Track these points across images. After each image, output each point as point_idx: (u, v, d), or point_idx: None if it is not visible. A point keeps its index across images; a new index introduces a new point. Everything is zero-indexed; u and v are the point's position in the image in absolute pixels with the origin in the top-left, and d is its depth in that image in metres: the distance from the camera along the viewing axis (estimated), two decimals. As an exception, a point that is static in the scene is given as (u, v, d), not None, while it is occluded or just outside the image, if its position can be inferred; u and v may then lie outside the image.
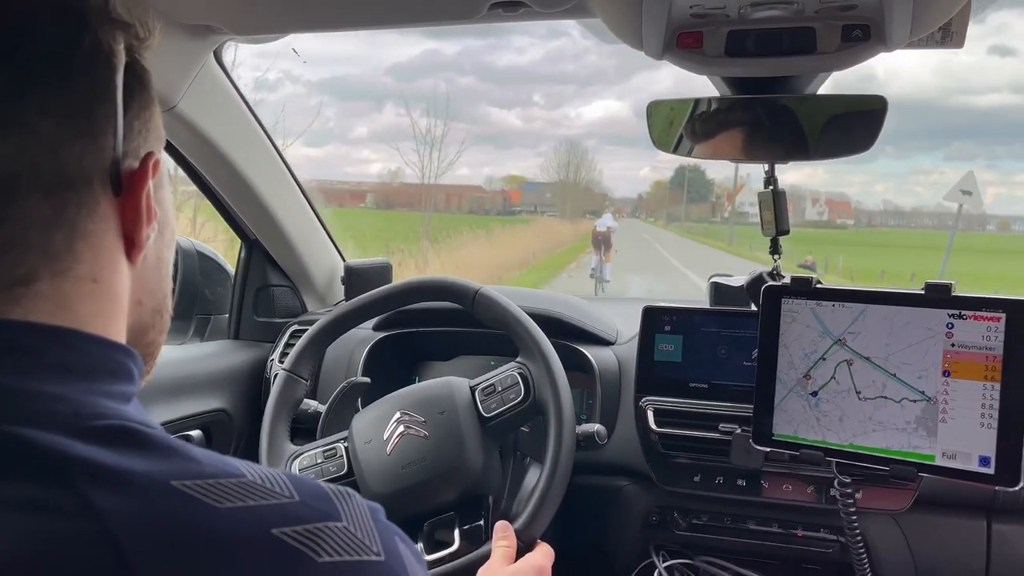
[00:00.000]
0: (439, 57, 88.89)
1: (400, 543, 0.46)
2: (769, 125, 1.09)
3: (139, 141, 0.50)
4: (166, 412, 1.33)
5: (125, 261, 0.50)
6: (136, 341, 0.53)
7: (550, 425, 1.06)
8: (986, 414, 0.91)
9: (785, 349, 1.04)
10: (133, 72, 0.50)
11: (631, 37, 0.94)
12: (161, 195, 0.55)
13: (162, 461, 0.41)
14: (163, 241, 0.55)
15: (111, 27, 0.48)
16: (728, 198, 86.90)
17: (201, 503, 0.40)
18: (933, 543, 1.19)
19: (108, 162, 0.47)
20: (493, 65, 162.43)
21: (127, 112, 0.48)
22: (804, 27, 0.88)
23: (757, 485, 1.18)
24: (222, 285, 1.63)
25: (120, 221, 0.49)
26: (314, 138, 75.33)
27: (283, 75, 27.27)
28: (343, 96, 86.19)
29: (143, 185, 0.49)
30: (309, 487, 0.44)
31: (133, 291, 0.51)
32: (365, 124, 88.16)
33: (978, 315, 0.92)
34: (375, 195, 64.62)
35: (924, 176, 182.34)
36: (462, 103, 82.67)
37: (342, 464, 1.12)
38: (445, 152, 31.93)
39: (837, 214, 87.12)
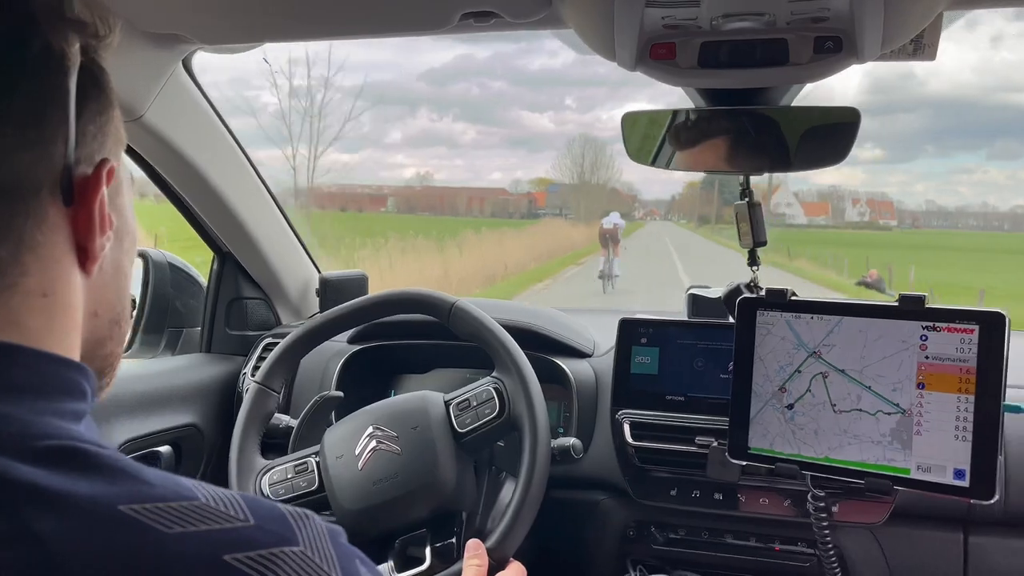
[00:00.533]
0: (471, 62, 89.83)
1: (361, 567, 0.45)
2: (747, 137, 1.10)
3: (93, 147, 0.48)
4: (134, 428, 1.30)
5: (78, 272, 0.48)
6: (92, 354, 0.51)
7: (524, 441, 1.04)
8: (960, 427, 0.91)
9: (760, 362, 1.04)
10: (89, 74, 0.48)
11: (604, 48, 0.93)
12: (120, 202, 0.53)
13: (110, 484, 0.40)
14: (121, 249, 0.54)
15: (64, 27, 0.46)
16: (763, 199, 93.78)
17: (149, 528, 0.38)
18: (910, 556, 1.18)
19: (59, 169, 0.45)
20: (525, 69, 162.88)
21: (80, 116, 0.46)
22: (776, 39, 0.88)
23: (734, 499, 1.17)
24: (194, 297, 1.60)
25: (72, 231, 0.47)
26: (349, 144, 75.79)
27: (317, 81, 27.10)
28: (377, 102, 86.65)
29: (96, 192, 0.47)
30: (266, 510, 0.42)
31: (88, 303, 0.50)
32: (399, 129, 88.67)
33: (952, 327, 0.92)
34: (396, 199, 63.89)
35: (967, 175, 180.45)
36: (494, 107, 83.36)
37: (313, 479, 1.10)
38: (478, 155, 32.08)
39: (879, 214, 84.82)
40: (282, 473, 1.11)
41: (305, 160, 12.87)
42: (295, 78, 11.74)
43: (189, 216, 1.45)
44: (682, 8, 0.81)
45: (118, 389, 1.30)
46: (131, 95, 1.14)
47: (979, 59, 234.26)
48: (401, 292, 1.19)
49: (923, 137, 50.62)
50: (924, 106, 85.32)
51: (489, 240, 21.98)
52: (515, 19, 0.93)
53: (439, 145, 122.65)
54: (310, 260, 1.69)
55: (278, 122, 11.98)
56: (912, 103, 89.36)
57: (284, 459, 1.14)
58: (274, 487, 1.10)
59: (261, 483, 1.11)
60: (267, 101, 76.22)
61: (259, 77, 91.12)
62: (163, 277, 1.54)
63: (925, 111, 79.46)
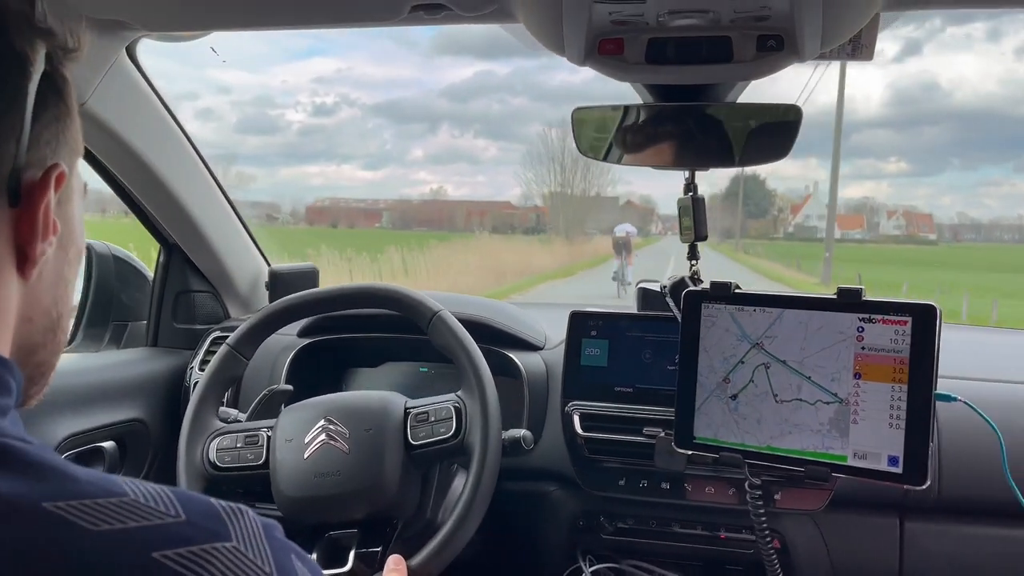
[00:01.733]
0: (492, 78, 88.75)
1: (296, 561, 0.45)
2: (696, 133, 1.11)
3: (46, 152, 0.48)
4: (77, 423, 1.27)
5: (16, 275, 0.48)
6: (24, 361, 0.50)
7: (470, 471, 1.04)
8: (894, 415, 0.94)
9: (705, 353, 1.06)
10: (51, 82, 0.48)
11: (553, 43, 0.94)
12: (68, 210, 0.52)
13: (35, 481, 0.39)
14: (65, 259, 0.53)
15: (30, 33, 0.46)
16: (792, 211, 77.13)
17: (75, 526, 0.38)
18: (849, 541, 1.22)
19: (7, 170, 0.45)
20: (545, 84, 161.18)
21: (37, 121, 0.47)
22: (721, 36, 0.90)
23: (681, 488, 1.20)
24: (140, 290, 1.57)
25: (13, 232, 0.47)
26: (372, 161, 74.70)
27: (340, 99, 26.12)
28: (399, 119, 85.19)
29: (43, 197, 0.47)
30: (198, 505, 0.42)
31: (23, 307, 0.49)
32: (421, 146, 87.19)
33: (886, 319, 0.95)
34: (391, 214, 61.47)
35: (995, 188, 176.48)
36: (515, 123, 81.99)
37: (260, 454, 1.09)
38: (499, 171, 31.14)
39: (916, 227, 79.12)
40: (232, 440, 1.11)
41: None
42: (317, 95, 11.10)
43: (134, 207, 1.42)
44: (629, 4, 0.82)
45: (60, 383, 1.26)
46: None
47: (1004, 71, 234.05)
48: (387, 287, 1.17)
49: (949, 150, 51.09)
50: (949, 118, 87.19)
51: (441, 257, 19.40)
52: (465, 12, 0.93)
53: (460, 161, 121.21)
54: (259, 253, 1.67)
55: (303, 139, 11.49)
56: (937, 115, 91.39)
57: (238, 426, 1.14)
58: (221, 453, 1.10)
59: (210, 447, 1.11)
60: (291, 119, 74.91)
61: (283, 96, 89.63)
62: (107, 269, 1.51)
63: (950, 123, 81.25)
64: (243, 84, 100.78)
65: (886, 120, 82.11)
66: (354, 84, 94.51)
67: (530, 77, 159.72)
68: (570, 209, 51.65)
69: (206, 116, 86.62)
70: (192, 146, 1.41)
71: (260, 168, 66.02)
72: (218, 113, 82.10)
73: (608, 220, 56.27)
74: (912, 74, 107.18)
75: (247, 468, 1.09)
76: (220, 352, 1.17)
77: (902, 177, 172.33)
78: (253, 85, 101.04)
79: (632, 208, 69.54)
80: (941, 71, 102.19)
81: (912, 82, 63.14)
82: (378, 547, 1.03)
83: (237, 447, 1.10)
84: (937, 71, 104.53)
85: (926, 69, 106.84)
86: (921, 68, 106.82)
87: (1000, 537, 1.18)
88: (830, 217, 24.17)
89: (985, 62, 51.62)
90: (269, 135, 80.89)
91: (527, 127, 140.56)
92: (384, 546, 1.03)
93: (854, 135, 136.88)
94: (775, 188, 74.67)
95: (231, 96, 43.59)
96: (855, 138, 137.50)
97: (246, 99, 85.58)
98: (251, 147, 78.05)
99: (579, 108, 1.15)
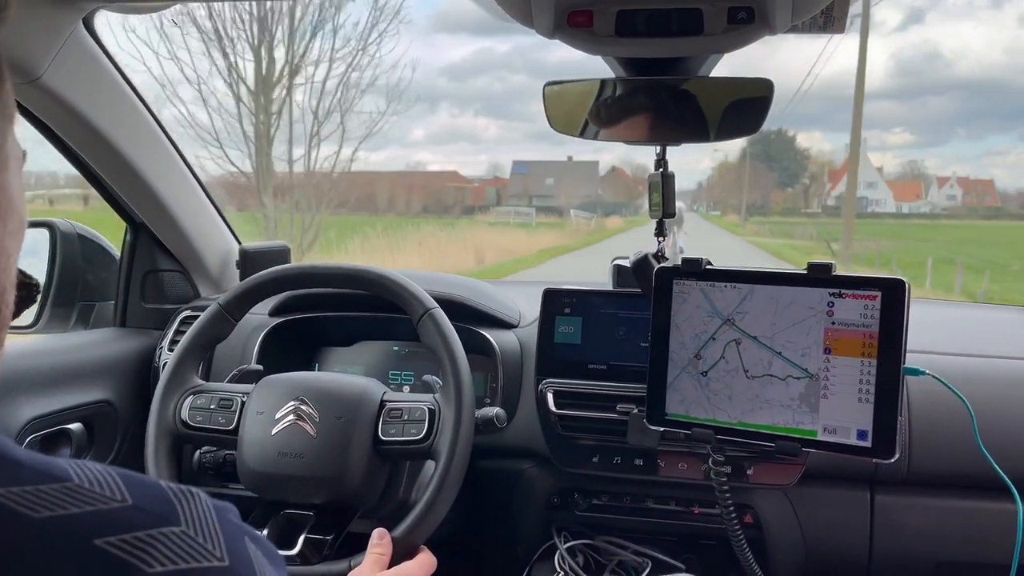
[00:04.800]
0: (491, 56, 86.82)
1: (250, 544, 0.43)
2: (669, 108, 1.10)
3: None
4: (42, 405, 1.24)
5: None
6: None
7: (434, 474, 1.03)
8: (863, 389, 0.94)
9: (677, 330, 1.05)
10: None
11: (522, 15, 0.92)
12: (4, 178, 0.50)
13: None
14: (5, 230, 0.50)
15: None
16: (832, 178, 57.78)
17: (15, 513, 0.36)
18: (821, 515, 1.23)
19: None
20: (545, 61, 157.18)
21: None
22: (691, 8, 0.88)
23: (654, 464, 1.20)
24: (107, 269, 1.54)
25: None
26: (374, 143, 73.07)
27: (336, 79, 24.53)
28: (397, 99, 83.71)
29: None
30: (146, 488, 0.41)
31: None
32: (421, 126, 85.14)
33: (856, 294, 0.95)
34: (303, 191, 59.00)
35: (1000, 157, 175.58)
36: (515, 101, 79.53)
37: (232, 419, 1.09)
38: (501, 150, 28.74)
39: (975, 197, 67.08)
40: (205, 401, 1.11)
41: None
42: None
43: (98, 185, 1.39)
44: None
45: (24, 364, 1.25)
46: (27, 55, 1.07)
47: (1009, 39, 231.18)
48: (385, 273, 1.15)
49: (954, 120, 50.19)
50: (954, 88, 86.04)
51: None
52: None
53: (462, 141, 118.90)
54: (229, 231, 1.64)
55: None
56: (941, 86, 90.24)
57: (215, 386, 1.14)
58: (193, 412, 1.10)
59: (183, 403, 1.11)
60: (296, 100, 73.50)
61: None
62: (72, 249, 1.47)
63: (955, 93, 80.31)
64: (240, 65, 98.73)
65: (889, 91, 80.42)
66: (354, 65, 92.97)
67: (529, 54, 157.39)
68: (534, 181, 45.91)
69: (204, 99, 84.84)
70: (156, 122, 1.37)
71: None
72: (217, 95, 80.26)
73: (583, 193, 46.98)
74: (915, 44, 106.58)
75: (216, 431, 1.09)
76: (209, 310, 1.17)
77: (907, 148, 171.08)
78: (250, 68, 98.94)
79: (619, 178, 56.31)
80: (944, 40, 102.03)
81: (915, 52, 62.28)
82: (330, 535, 1.02)
83: (210, 408, 1.10)
84: (940, 40, 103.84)
85: (928, 39, 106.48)
86: (924, 38, 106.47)
87: (969, 509, 1.19)
88: (849, 193, 19.99)
89: (988, 31, 51.14)
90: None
91: (528, 105, 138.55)
92: (336, 535, 1.02)
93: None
94: (808, 147, 53.95)
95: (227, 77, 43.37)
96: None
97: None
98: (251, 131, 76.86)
99: (550, 83, 1.14)
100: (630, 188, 53.42)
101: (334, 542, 1.01)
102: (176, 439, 1.10)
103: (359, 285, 1.17)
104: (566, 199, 47.17)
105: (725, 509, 1.09)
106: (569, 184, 47.68)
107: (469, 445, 1.05)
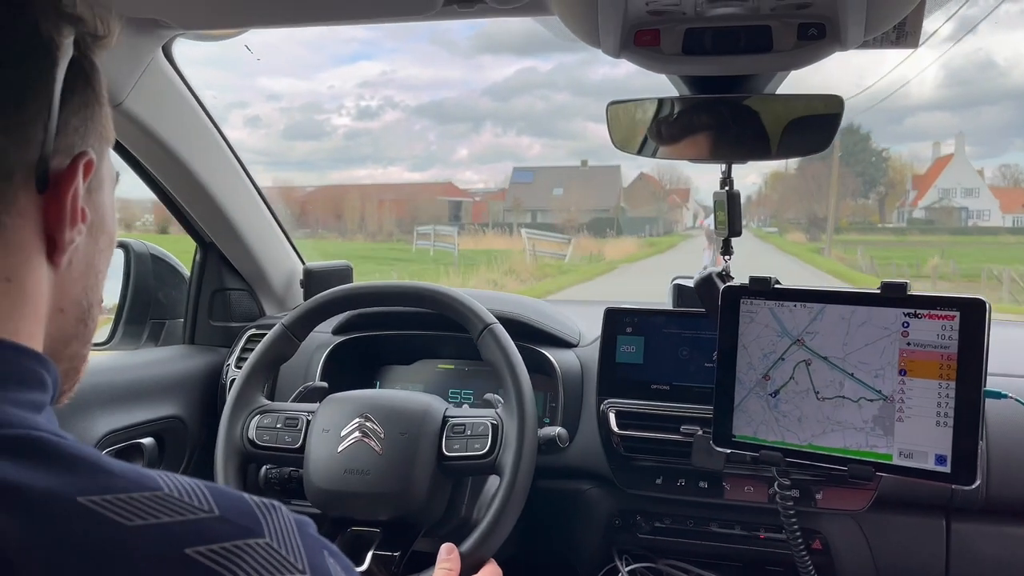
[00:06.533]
0: (534, 75, 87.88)
1: (329, 558, 0.44)
2: (732, 125, 1.10)
3: (74, 139, 0.48)
4: (116, 419, 1.29)
5: (46, 263, 0.48)
6: (58, 352, 0.50)
7: (500, 489, 1.03)
8: (942, 412, 0.91)
9: (744, 350, 1.04)
10: (79, 68, 0.48)
11: (588, 35, 0.93)
12: (98, 198, 0.52)
13: (70, 474, 0.39)
14: (96, 247, 0.53)
15: (57, 18, 0.46)
16: (918, 185, 44.66)
17: (109, 520, 0.37)
18: (893, 543, 1.19)
19: (35, 156, 0.45)
20: (587, 79, 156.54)
21: (64, 107, 0.46)
22: (760, 25, 0.88)
23: (719, 487, 1.18)
24: (177, 288, 1.59)
25: (42, 219, 0.47)
26: (419, 162, 73.76)
27: (384, 102, 24.59)
28: (442, 119, 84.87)
29: (70, 183, 0.47)
30: (232, 501, 0.42)
31: (55, 297, 0.49)
32: (465, 146, 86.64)
33: (932, 314, 0.92)
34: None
35: None
36: (558, 119, 79.58)
37: (298, 438, 1.11)
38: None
39: None
40: (273, 420, 1.13)
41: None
42: (362, 99, 10.52)
43: (171, 206, 1.44)
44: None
45: (100, 380, 1.29)
46: (111, 82, 1.12)
47: None
48: (444, 291, 1.16)
49: (1010, 130, 48.02)
50: (1008, 97, 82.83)
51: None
52: (499, 5, 0.93)
53: (505, 160, 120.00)
54: (294, 251, 1.68)
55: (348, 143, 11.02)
56: (995, 95, 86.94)
57: (280, 405, 1.16)
58: (260, 431, 1.12)
59: (250, 423, 1.13)
60: (337, 124, 73.28)
61: (330, 101, 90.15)
62: (145, 268, 1.52)
63: (1009, 103, 77.46)
64: (292, 91, 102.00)
65: (942, 102, 76.97)
66: (399, 87, 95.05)
67: (572, 72, 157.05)
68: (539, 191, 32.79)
69: (255, 124, 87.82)
70: (228, 145, 1.42)
71: (309, 173, 66.34)
72: (267, 120, 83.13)
73: (597, 205, 34.62)
74: (966, 53, 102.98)
75: (283, 450, 1.11)
76: (274, 331, 1.19)
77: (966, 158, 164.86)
78: (302, 92, 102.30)
79: (648, 186, 41.26)
80: (997, 49, 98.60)
81: (966, 61, 59.71)
82: (397, 551, 1.03)
83: (276, 427, 1.12)
84: (993, 49, 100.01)
85: (981, 47, 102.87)
86: (976, 47, 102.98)
87: (1052, 539, 1.14)
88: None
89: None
90: (317, 140, 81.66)
91: (570, 123, 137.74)
92: (403, 551, 1.03)
93: (908, 119, 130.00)
94: (885, 147, 42.20)
95: (280, 103, 44.42)
96: (909, 122, 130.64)
97: (295, 106, 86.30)
98: (300, 153, 78.86)
99: (614, 102, 1.14)
100: (659, 199, 41.85)
101: (401, 558, 1.02)
102: (244, 458, 1.12)
103: (418, 302, 1.18)
104: (575, 213, 35.55)
105: (792, 534, 1.06)
106: (582, 194, 36.29)
107: (533, 459, 1.05)
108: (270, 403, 1.16)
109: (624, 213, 37.96)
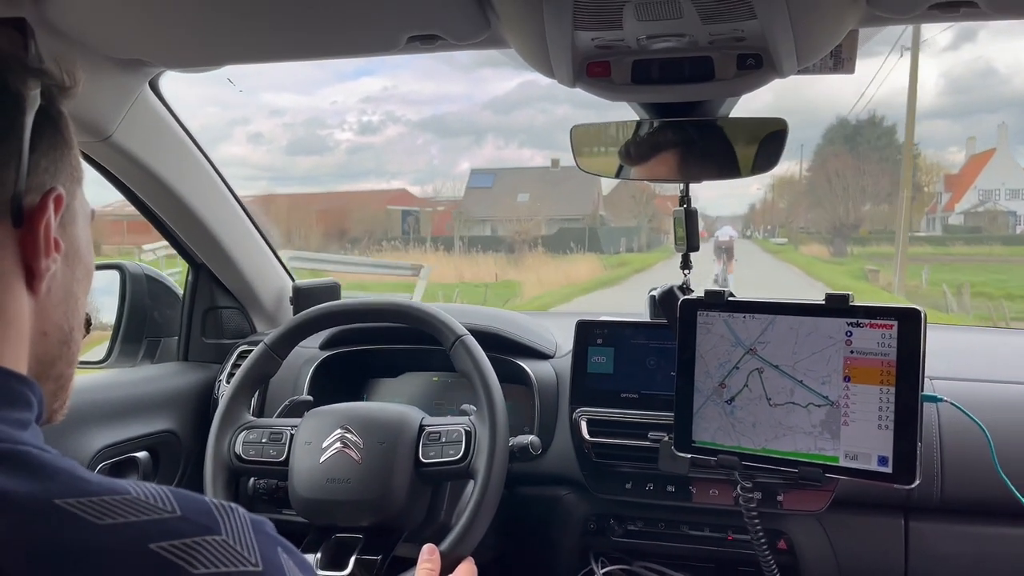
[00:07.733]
0: (534, 88, 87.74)
1: (283, 553, 0.49)
2: (691, 147, 1.16)
3: (44, 178, 0.54)
4: (112, 434, 1.34)
5: (25, 290, 0.53)
6: (44, 373, 0.56)
7: (474, 491, 1.09)
8: (883, 416, 0.97)
9: (701, 359, 1.09)
10: (46, 115, 0.54)
11: (543, 67, 0.99)
12: (73, 231, 0.58)
13: (49, 481, 0.44)
14: (73, 276, 0.58)
15: (24, 74, 0.52)
16: (951, 185, 38.58)
17: (82, 519, 0.43)
18: (855, 542, 1.24)
19: (9, 194, 0.51)
20: (585, 92, 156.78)
21: (34, 150, 0.52)
22: (702, 56, 0.94)
23: (686, 491, 1.23)
24: (171, 307, 1.65)
25: (20, 251, 0.52)
26: (421, 176, 73.45)
27: (386, 117, 23.29)
28: (444, 133, 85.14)
29: (42, 217, 0.53)
30: (192, 503, 0.47)
31: (36, 322, 0.54)
32: (467, 159, 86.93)
33: (873, 323, 0.97)
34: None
35: None
36: (557, 132, 79.19)
37: (282, 451, 1.16)
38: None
39: None
40: (258, 435, 1.18)
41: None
42: (364, 114, 10.29)
43: (163, 230, 1.50)
44: (608, 31, 0.87)
45: (97, 396, 1.35)
46: (100, 116, 1.18)
47: None
48: (417, 306, 1.22)
49: (1012, 137, 46.17)
50: (1009, 105, 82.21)
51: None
52: (458, 41, 0.98)
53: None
54: (283, 269, 1.74)
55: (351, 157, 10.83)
56: (996, 103, 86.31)
57: (266, 421, 1.21)
58: (246, 447, 1.17)
59: (237, 439, 1.18)
60: (340, 138, 72.44)
61: (333, 116, 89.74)
62: (140, 289, 1.59)
63: (1011, 110, 76.98)
64: (295, 107, 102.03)
65: (942, 110, 75.95)
66: (400, 101, 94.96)
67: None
68: (500, 198, 25.87)
69: (257, 140, 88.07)
70: (215, 170, 1.48)
71: (313, 188, 66.57)
72: (269, 136, 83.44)
73: (567, 212, 27.35)
74: (966, 61, 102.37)
75: (269, 463, 1.16)
76: (256, 351, 1.24)
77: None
78: (304, 107, 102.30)
79: (635, 188, 33.42)
80: (997, 56, 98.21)
81: (966, 70, 59.17)
82: (378, 555, 1.08)
83: (262, 442, 1.17)
84: (993, 56, 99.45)
85: (981, 55, 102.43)
86: (976, 55, 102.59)
87: (1004, 536, 1.19)
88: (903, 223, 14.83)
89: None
90: (319, 155, 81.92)
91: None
92: (384, 555, 1.08)
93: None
94: (915, 143, 32.81)
95: (283, 119, 44.89)
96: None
97: (298, 121, 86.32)
98: (303, 168, 79.14)
99: (578, 126, 1.20)
100: (645, 206, 34.92)
101: (383, 563, 1.07)
102: (232, 472, 1.17)
103: (391, 318, 1.24)
104: (532, 224, 29.03)
105: (755, 535, 1.11)
106: (551, 200, 29.96)
107: (505, 463, 1.11)
108: (255, 419, 1.21)
109: (603, 223, 33.14)
